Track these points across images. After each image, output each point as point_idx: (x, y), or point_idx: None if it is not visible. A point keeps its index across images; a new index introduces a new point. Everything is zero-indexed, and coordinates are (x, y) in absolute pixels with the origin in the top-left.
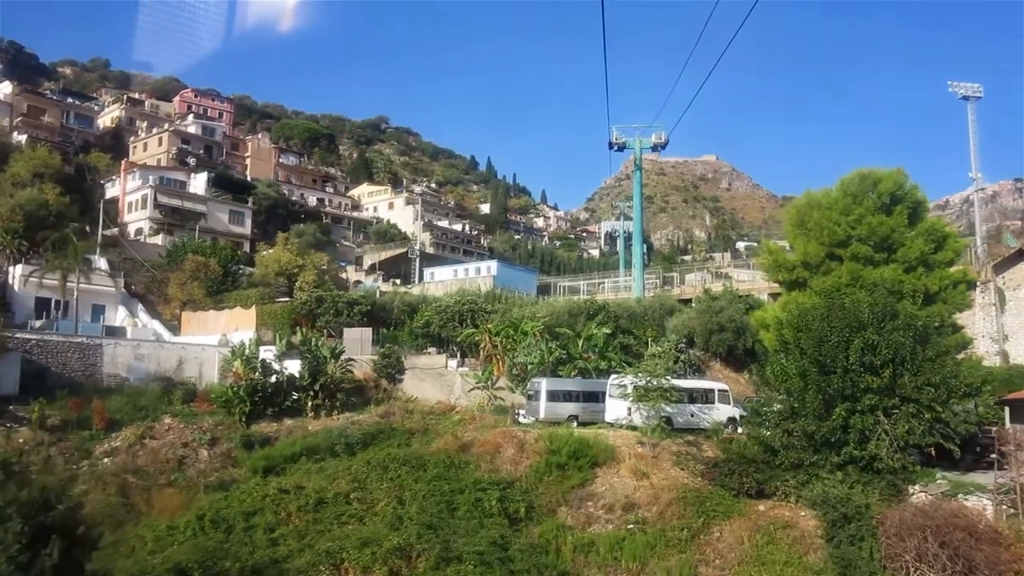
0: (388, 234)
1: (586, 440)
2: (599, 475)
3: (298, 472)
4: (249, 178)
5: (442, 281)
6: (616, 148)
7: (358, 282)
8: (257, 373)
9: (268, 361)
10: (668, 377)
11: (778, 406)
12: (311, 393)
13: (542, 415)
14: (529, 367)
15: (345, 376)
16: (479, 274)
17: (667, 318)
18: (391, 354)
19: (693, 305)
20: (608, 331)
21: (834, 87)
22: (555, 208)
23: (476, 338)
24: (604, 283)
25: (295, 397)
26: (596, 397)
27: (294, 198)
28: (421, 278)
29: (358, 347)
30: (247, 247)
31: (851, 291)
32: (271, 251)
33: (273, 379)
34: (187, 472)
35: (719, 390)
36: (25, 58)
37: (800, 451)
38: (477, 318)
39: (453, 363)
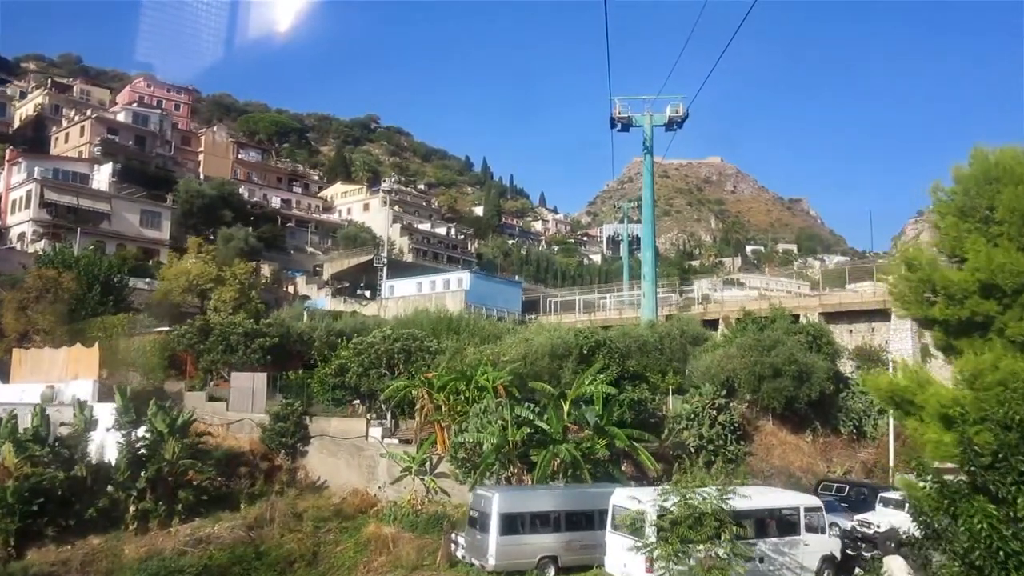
0: (359, 238)
1: None
2: None
3: None
4: (202, 176)
5: (404, 297)
6: (620, 126)
7: (305, 297)
8: (39, 464)
9: (65, 437)
10: (725, 496)
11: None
12: (133, 493)
13: (492, 561)
14: (484, 446)
15: (192, 464)
16: (448, 288)
17: (690, 348)
18: (289, 415)
19: (724, 332)
20: (610, 387)
21: (841, 84)
22: (554, 211)
23: (412, 392)
24: (606, 299)
25: (112, 497)
26: (590, 521)
27: (255, 199)
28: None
29: (248, 400)
30: (165, 255)
31: None
32: (180, 261)
33: (73, 471)
34: None
35: (806, 509)
36: None
37: None
38: (416, 360)
39: (377, 431)
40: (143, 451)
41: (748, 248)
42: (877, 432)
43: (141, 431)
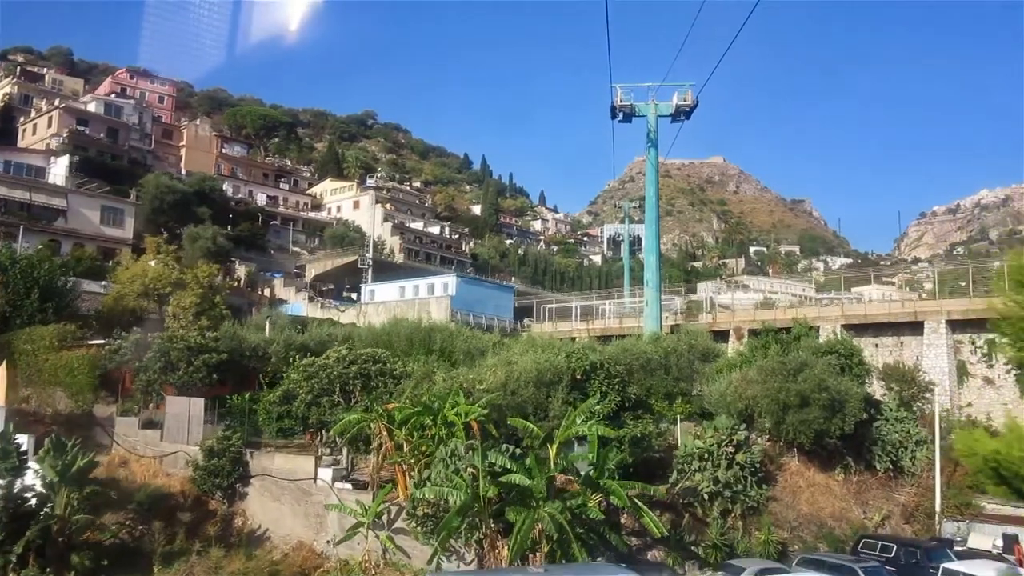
0: (347, 238)
1: None
2: None
3: None
4: (184, 170)
5: (385, 303)
6: (621, 116)
7: (282, 301)
8: None
9: None
10: None
11: None
12: (12, 559)
13: None
14: (451, 501)
15: (89, 521)
16: (433, 293)
17: (699, 365)
18: (225, 450)
19: (737, 347)
20: (606, 428)
21: (841, 86)
22: (554, 210)
23: (369, 428)
24: (605, 306)
25: None
26: None
27: (239, 195)
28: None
29: (184, 428)
30: (129, 255)
31: None
32: (137, 262)
33: None
34: None
35: None
36: None
37: None
38: (376, 387)
39: (328, 472)
40: (32, 504)
41: (751, 249)
42: (916, 467)
43: (29, 478)
